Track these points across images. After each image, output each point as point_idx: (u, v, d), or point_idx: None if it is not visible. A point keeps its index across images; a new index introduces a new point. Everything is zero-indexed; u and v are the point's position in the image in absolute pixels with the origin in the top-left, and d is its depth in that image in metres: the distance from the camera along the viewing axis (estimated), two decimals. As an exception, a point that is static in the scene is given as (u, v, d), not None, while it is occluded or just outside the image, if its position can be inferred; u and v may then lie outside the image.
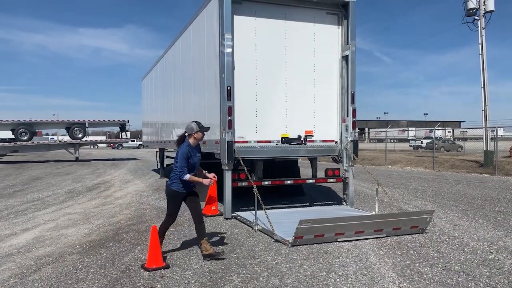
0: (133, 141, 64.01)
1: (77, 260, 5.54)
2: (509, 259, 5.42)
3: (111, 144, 65.16)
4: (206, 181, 5.38)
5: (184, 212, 8.98)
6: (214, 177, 5.61)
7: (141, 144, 39.65)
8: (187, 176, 5.21)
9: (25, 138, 27.07)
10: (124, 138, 32.13)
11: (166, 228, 5.62)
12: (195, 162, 5.43)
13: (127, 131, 31.36)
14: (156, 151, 18.37)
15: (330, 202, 10.02)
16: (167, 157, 16.91)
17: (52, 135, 59.13)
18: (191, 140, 5.43)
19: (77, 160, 28.87)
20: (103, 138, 62.77)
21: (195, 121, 5.53)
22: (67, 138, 30.30)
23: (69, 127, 28.43)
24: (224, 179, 8.02)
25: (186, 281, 4.70)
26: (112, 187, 14.05)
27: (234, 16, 8.02)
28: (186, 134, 5.47)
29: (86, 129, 28.81)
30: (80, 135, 28.37)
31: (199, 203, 5.58)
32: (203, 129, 5.48)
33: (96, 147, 69.12)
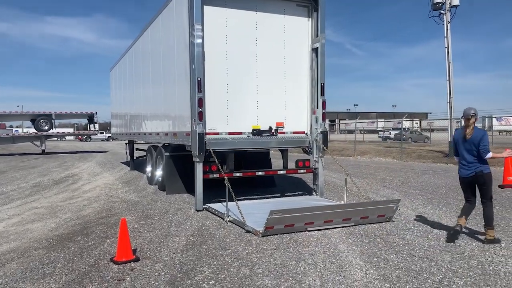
0: (102, 133, 62.51)
1: (43, 255, 5.42)
2: (469, 245, 5.67)
3: (79, 137, 63.41)
4: (505, 154, 5.95)
5: (155, 204, 8.93)
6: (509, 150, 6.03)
7: (110, 136, 38.82)
8: (490, 154, 5.65)
9: (-12, 130, 26.03)
10: (92, 130, 31.42)
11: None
12: None
13: (96, 123, 30.71)
14: (126, 144, 18.03)
15: (300, 193, 10.16)
16: (137, 149, 16.60)
17: (17, 127, 57.07)
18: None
19: (43, 153, 28.03)
20: (71, 130, 61.08)
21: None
22: (32, 130, 29.31)
23: (35, 119, 27.48)
24: (195, 171, 7.99)
25: (157, 273, 4.68)
26: (80, 180, 13.75)
27: (204, 6, 7.93)
28: (476, 118, 5.81)
29: (53, 121, 27.96)
30: (46, 127, 27.51)
31: None
32: None
33: (63, 139, 67.11)
